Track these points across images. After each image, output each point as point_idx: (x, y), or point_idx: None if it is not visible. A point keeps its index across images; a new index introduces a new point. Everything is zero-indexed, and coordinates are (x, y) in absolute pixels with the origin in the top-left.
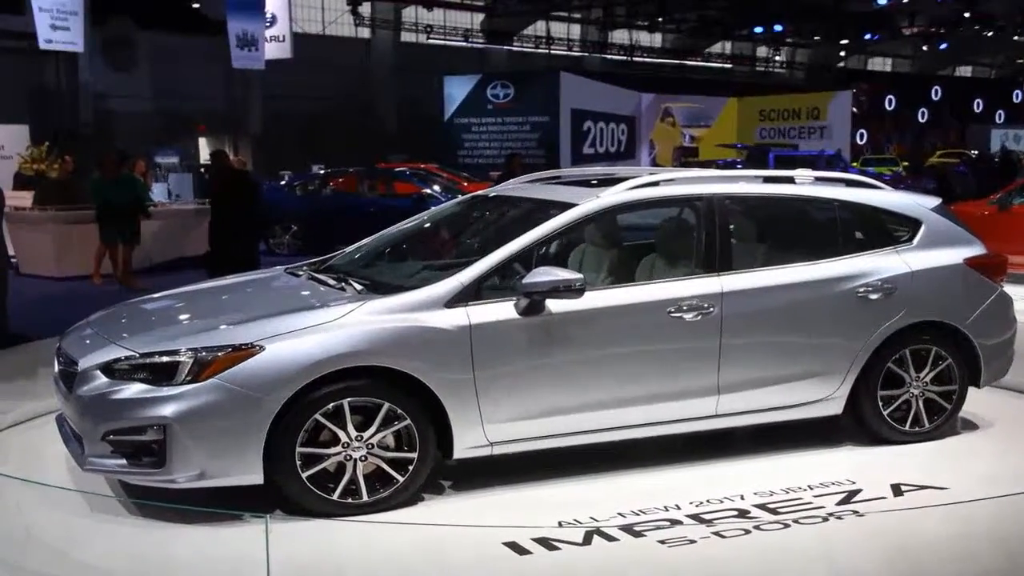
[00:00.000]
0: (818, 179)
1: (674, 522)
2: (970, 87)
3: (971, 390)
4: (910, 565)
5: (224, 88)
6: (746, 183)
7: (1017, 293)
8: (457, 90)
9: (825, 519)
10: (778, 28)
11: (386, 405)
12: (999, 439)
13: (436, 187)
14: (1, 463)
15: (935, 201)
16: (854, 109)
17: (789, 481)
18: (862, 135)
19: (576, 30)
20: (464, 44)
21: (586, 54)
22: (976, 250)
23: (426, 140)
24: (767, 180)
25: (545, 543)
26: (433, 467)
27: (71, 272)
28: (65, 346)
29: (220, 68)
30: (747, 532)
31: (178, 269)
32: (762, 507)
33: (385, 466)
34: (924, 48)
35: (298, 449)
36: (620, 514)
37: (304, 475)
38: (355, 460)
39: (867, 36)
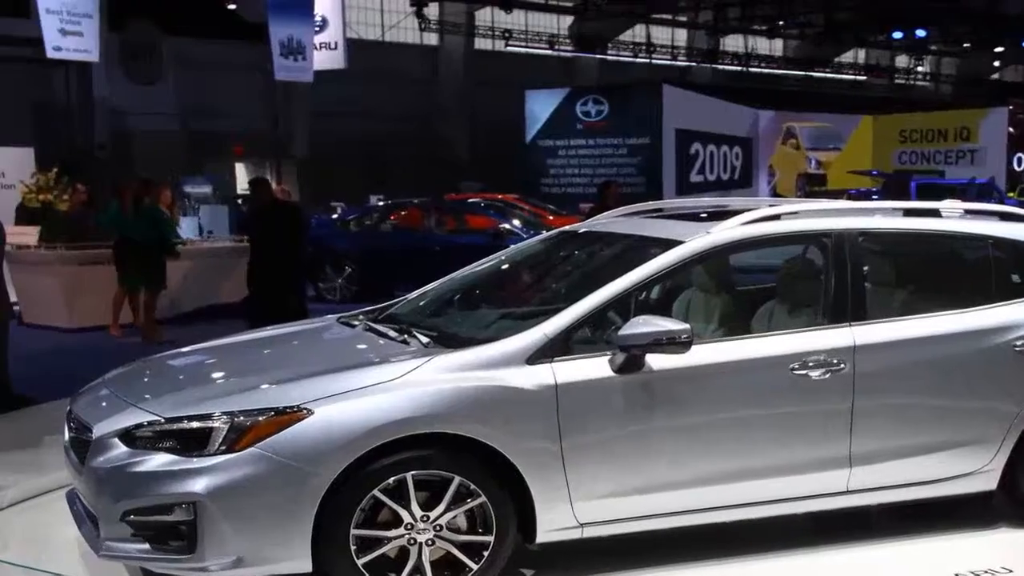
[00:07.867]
0: (968, 212)
1: None
2: None
3: None
4: None
5: (265, 104)
6: (883, 217)
7: None
8: (541, 106)
9: None
10: (921, 34)
11: (457, 479)
12: None
13: (516, 221)
14: (1, 548)
15: None
16: (1011, 129)
17: (933, 569)
18: (1020, 160)
19: (681, 36)
20: (549, 52)
21: (694, 64)
22: None
23: (504, 166)
24: (908, 213)
25: None
26: (513, 552)
27: (84, 322)
28: (77, 410)
29: (261, 80)
30: None
31: (211, 318)
32: None
33: (456, 551)
34: None
35: (353, 531)
36: None
37: (360, 562)
38: (420, 544)
39: None
